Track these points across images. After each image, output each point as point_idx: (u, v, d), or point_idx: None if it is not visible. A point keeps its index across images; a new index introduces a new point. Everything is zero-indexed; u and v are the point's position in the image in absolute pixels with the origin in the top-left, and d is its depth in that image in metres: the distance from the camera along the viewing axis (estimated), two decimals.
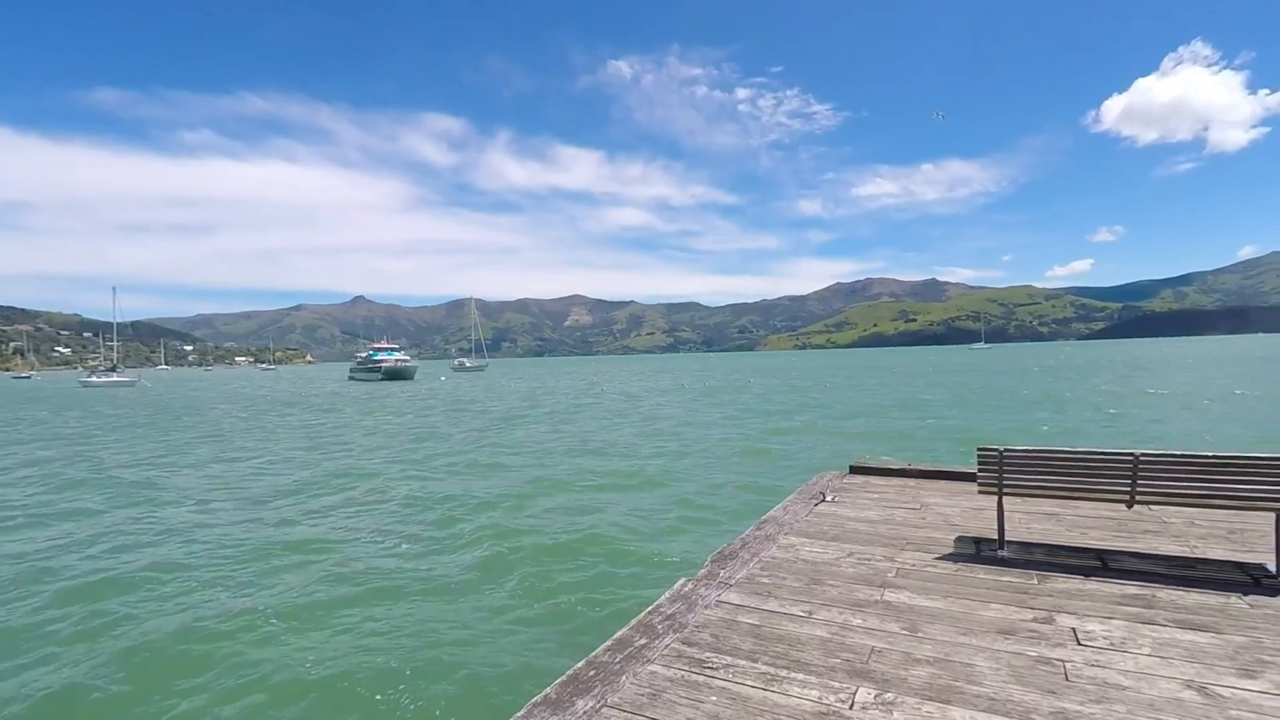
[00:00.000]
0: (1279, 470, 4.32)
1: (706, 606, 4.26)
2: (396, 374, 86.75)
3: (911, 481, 8.01)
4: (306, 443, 24.03)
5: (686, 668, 3.45)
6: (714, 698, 3.15)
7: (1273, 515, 4.52)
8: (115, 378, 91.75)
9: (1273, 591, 4.26)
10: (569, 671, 3.45)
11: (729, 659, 3.53)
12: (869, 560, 5.10)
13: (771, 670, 3.39)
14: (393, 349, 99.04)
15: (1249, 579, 4.48)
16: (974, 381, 49.90)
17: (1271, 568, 4.57)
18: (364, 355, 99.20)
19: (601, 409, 36.59)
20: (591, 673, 3.42)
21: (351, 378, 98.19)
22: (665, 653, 3.63)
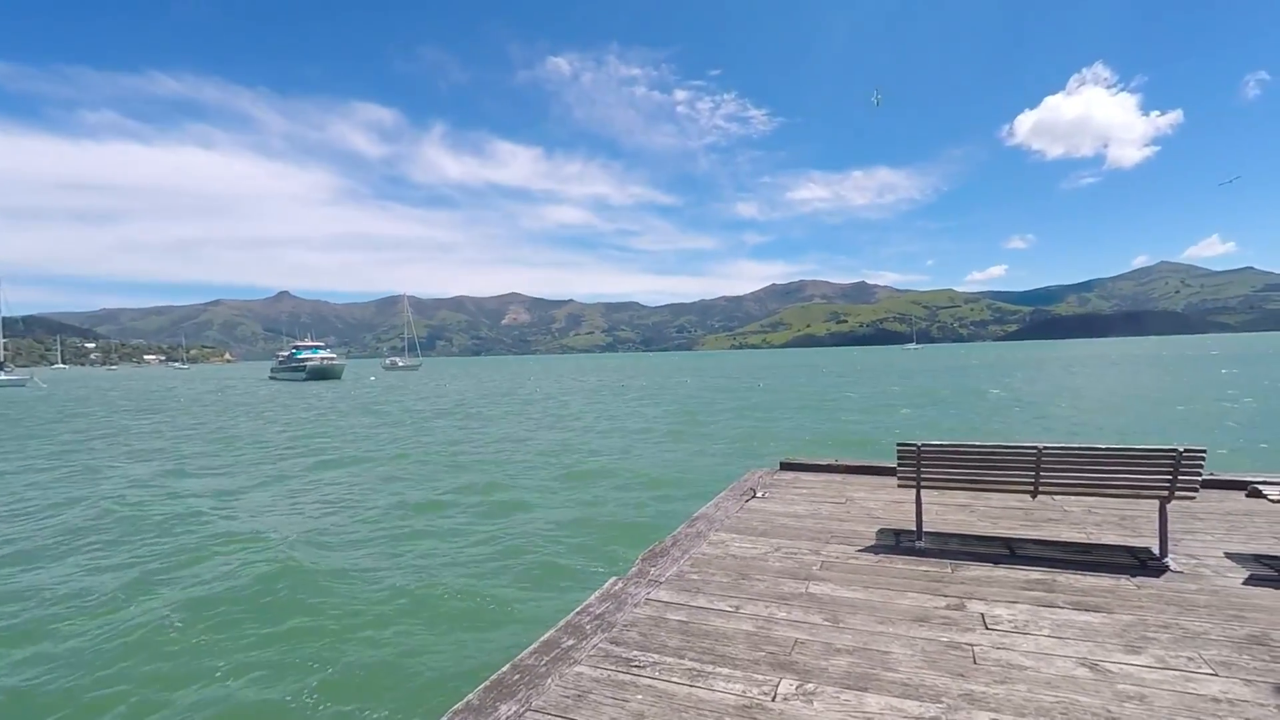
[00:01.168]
0: (1162, 461, 4.69)
1: (636, 605, 4.25)
2: (322, 373, 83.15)
3: (838, 477, 8.26)
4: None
5: (614, 667, 3.43)
6: (640, 696, 3.14)
7: (1157, 502, 4.90)
8: (2, 376, 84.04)
9: (1156, 573, 4.61)
10: (493, 676, 3.36)
11: (656, 656, 3.53)
12: (795, 554, 5.22)
13: (698, 666, 3.41)
14: (318, 347, 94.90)
15: (1137, 562, 4.83)
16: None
17: (1155, 551, 4.95)
18: (286, 354, 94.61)
19: (539, 408, 36.20)
20: (516, 676, 3.35)
21: (272, 377, 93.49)
22: (593, 653, 3.59)
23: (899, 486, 5.52)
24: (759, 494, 7.33)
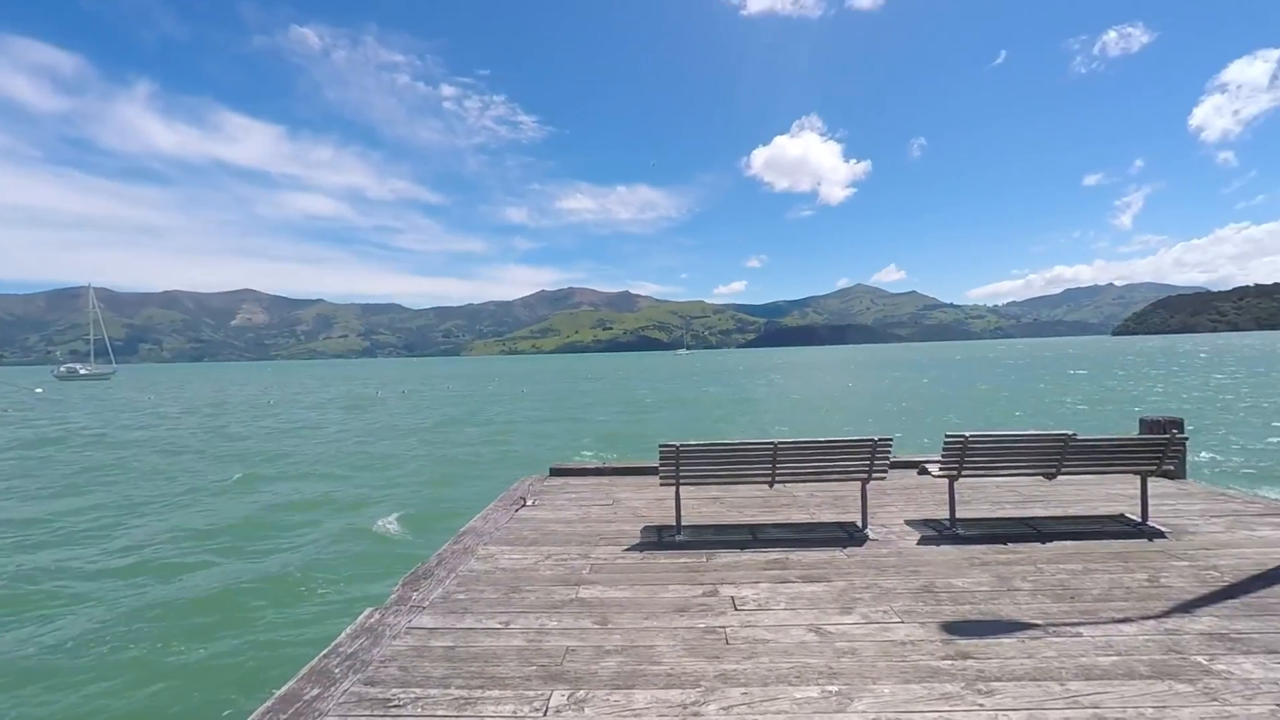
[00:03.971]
0: (863, 449, 5.65)
1: (395, 636, 3.87)
2: None
3: (606, 479, 8.55)
4: None
5: (368, 712, 3.07)
6: None
7: (859, 484, 5.90)
8: None
9: (860, 543, 5.54)
10: None
11: (418, 691, 3.24)
12: (566, 560, 5.25)
13: (465, 693, 3.21)
14: None
15: (846, 535, 5.76)
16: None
17: (860, 524, 5.95)
18: None
19: (279, 422, 31.79)
20: None
21: None
22: (343, 700, 3.18)
23: (661, 485, 5.87)
24: (529, 502, 7.25)
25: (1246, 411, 25.42)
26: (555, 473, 8.87)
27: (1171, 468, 5.89)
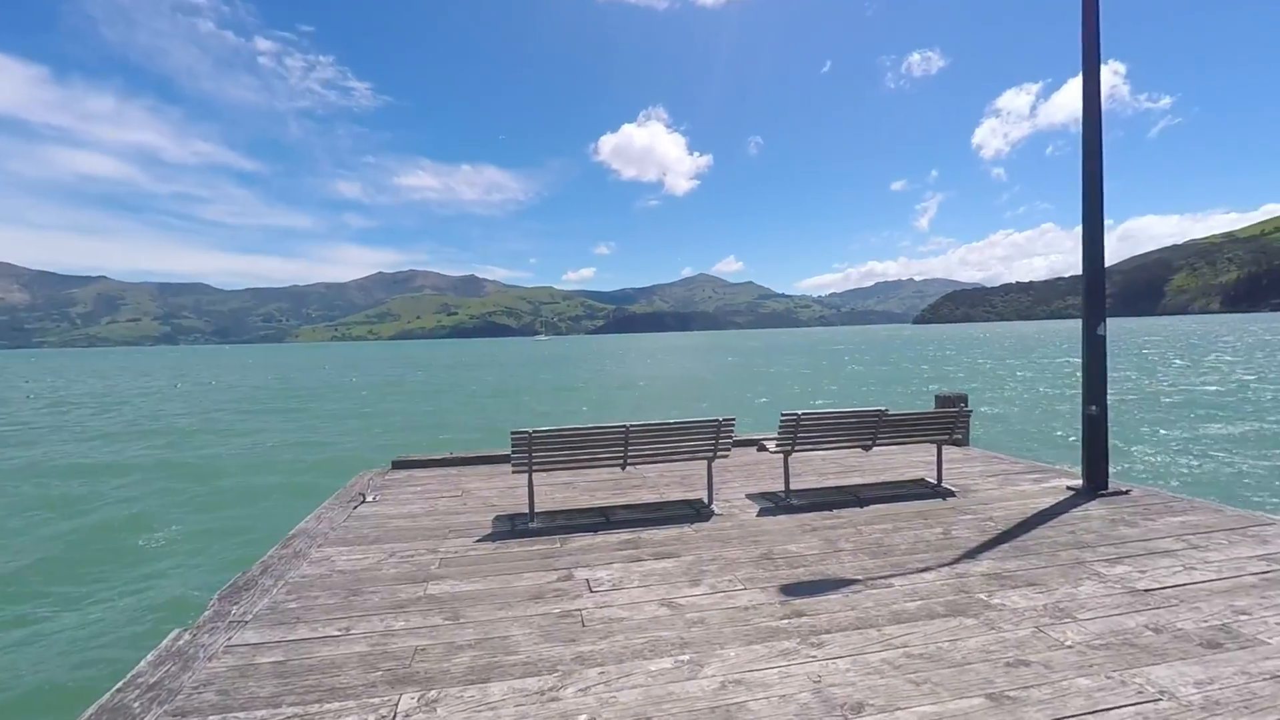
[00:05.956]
0: (708, 430, 5.95)
1: (211, 658, 3.43)
2: None
3: (454, 470, 8.22)
4: None
5: None
6: None
7: (705, 463, 6.22)
8: None
9: (706, 518, 5.84)
10: None
11: (242, 715, 2.90)
12: (412, 556, 4.97)
13: (300, 710, 2.93)
14: None
15: (694, 511, 6.04)
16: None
17: (706, 500, 6.27)
18: None
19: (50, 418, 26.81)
20: None
21: None
22: None
23: (513, 472, 5.76)
24: (369, 498, 6.77)
25: (1014, 387, 30.43)
26: (398, 465, 8.36)
27: (960, 436, 6.89)
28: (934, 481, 6.82)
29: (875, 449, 6.90)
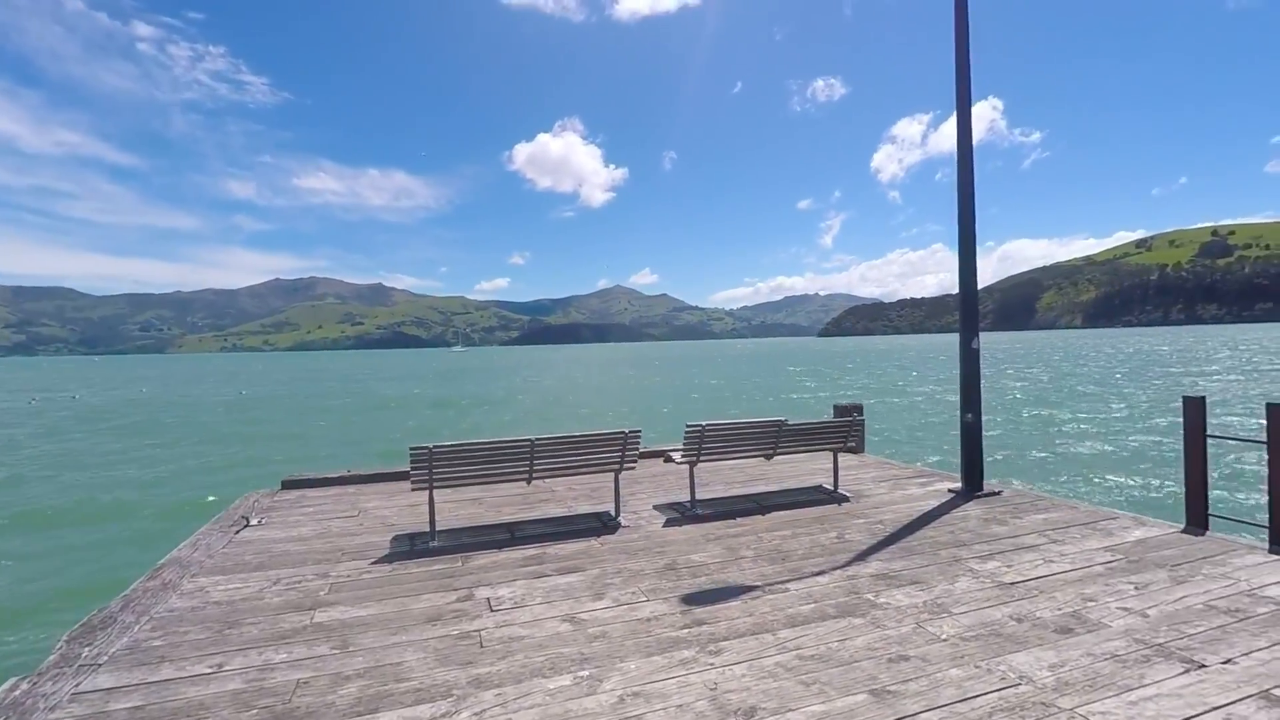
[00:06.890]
0: (614, 442, 5.97)
1: (54, 708, 3.06)
2: None
3: (351, 488, 7.81)
4: None
5: None
6: None
7: (612, 475, 6.23)
8: None
9: (613, 530, 5.84)
10: None
11: None
12: (299, 583, 4.66)
13: None
14: None
15: (601, 524, 6.03)
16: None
17: (613, 512, 6.27)
18: None
19: None
20: None
21: None
22: None
23: (413, 490, 5.54)
24: (254, 521, 6.31)
25: (906, 397, 32.48)
26: (289, 485, 7.84)
27: (854, 444, 7.26)
28: (830, 487, 7.15)
29: (777, 457, 7.14)
